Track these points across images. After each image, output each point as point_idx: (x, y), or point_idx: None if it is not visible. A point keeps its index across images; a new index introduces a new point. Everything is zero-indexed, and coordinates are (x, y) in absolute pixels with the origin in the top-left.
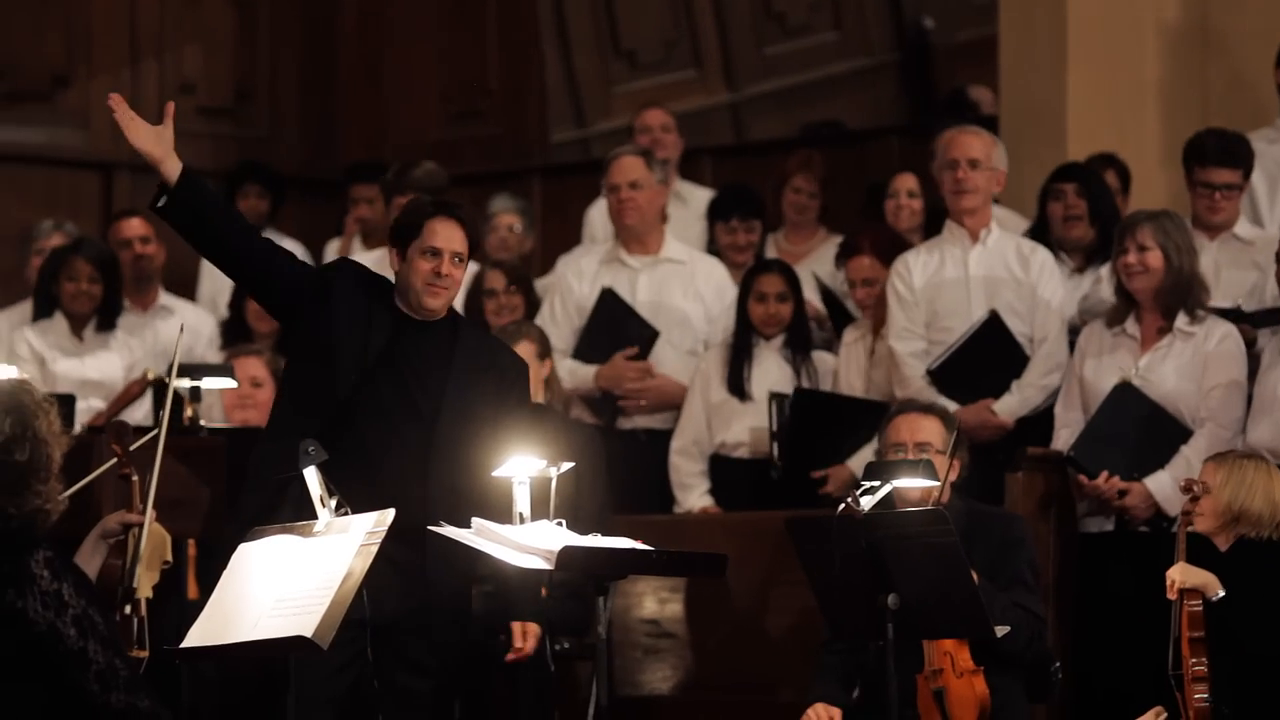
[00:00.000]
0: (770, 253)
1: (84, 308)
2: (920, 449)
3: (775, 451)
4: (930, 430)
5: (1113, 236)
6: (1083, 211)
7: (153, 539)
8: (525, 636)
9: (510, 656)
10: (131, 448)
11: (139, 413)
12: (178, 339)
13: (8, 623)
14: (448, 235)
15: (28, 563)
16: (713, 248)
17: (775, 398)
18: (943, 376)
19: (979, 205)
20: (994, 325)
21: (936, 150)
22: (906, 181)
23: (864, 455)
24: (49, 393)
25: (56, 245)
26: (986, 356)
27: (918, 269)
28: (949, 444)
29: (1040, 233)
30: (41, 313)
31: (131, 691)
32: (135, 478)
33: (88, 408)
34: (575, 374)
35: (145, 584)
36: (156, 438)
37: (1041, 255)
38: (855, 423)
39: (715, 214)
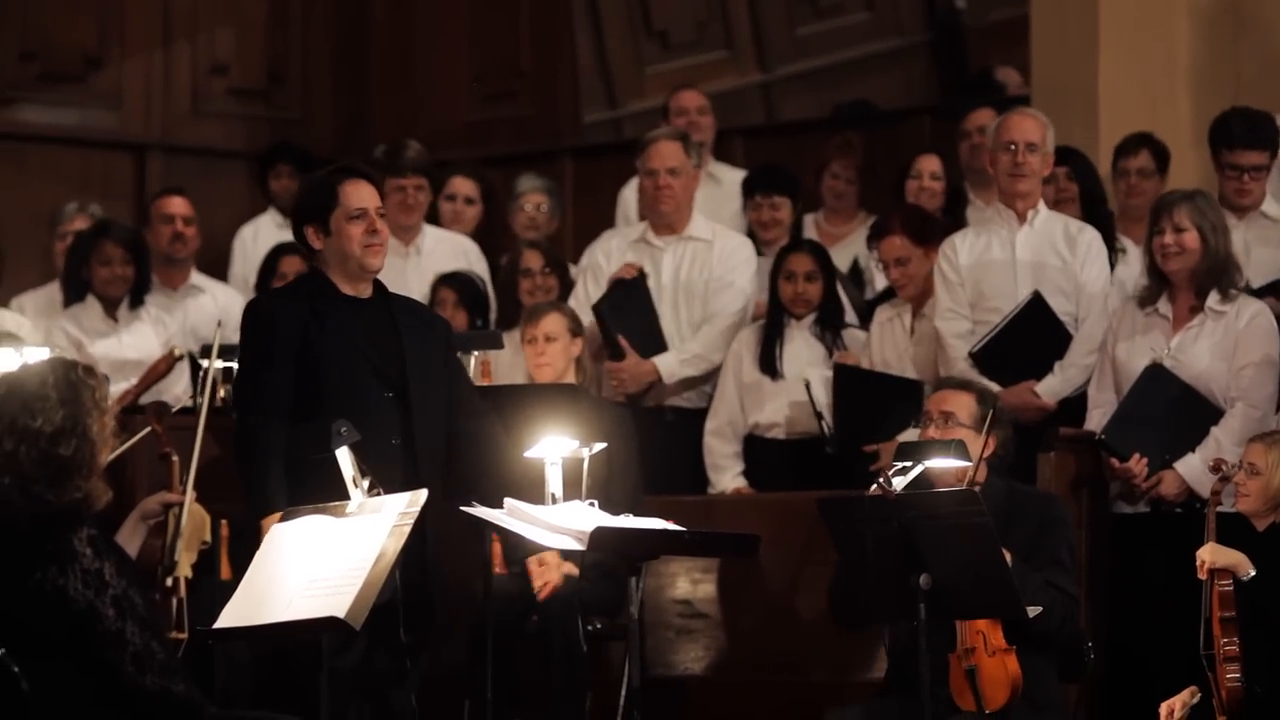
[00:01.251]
0: (810, 234)
1: (118, 291)
2: (945, 418)
3: (824, 428)
4: (957, 402)
5: (1099, 219)
6: (1074, 194)
7: (192, 519)
8: (543, 564)
9: (544, 594)
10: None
11: (175, 391)
12: (216, 330)
13: (48, 600)
14: (365, 194)
15: (71, 540)
16: (751, 229)
17: (806, 380)
18: (985, 358)
19: (1033, 188)
20: (1037, 306)
21: (991, 131)
22: (930, 163)
23: (914, 432)
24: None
25: (81, 228)
26: (1030, 338)
27: (964, 250)
28: (982, 421)
29: None
30: (73, 297)
31: (166, 675)
32: (175, 458)
33: (128, 387)
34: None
35: (184, 564)
36: (195, 419)
37: (1089, 235)
38: (892, 400)
39: (745, 191)
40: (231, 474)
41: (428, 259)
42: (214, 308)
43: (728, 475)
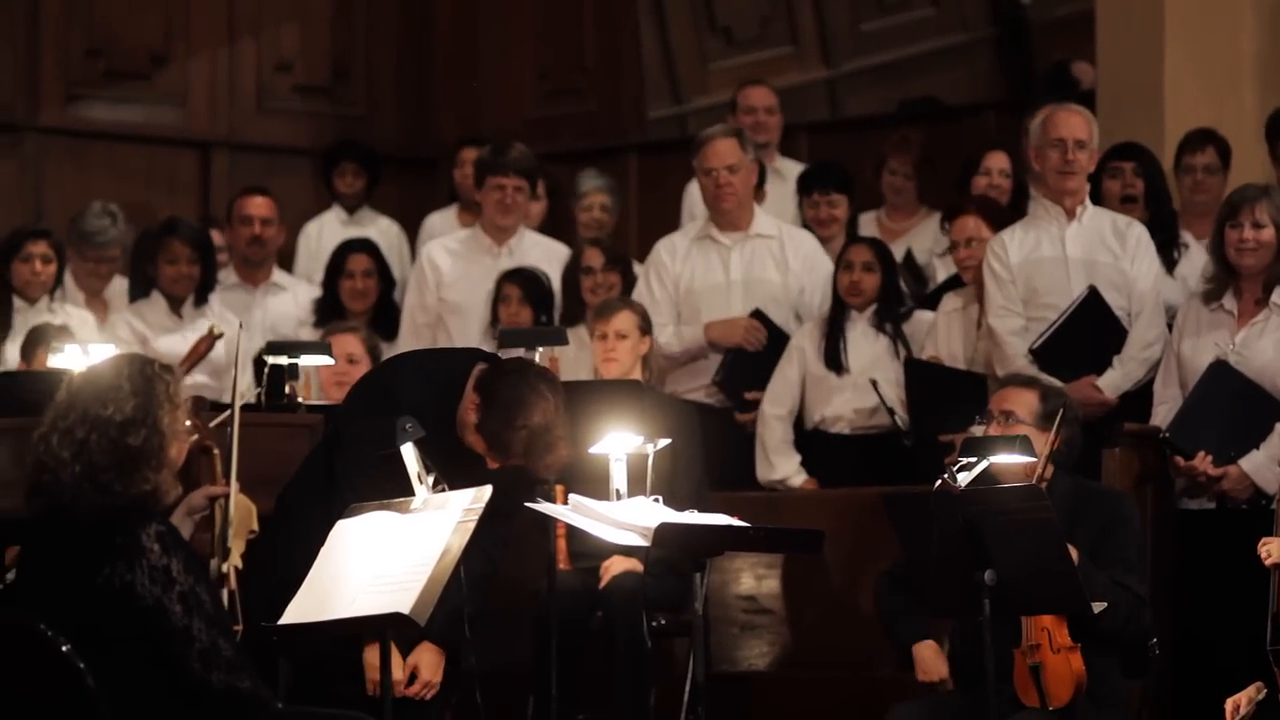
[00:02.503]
0: (871, 231)
1: (183, 290)
2: (1005, 416)
3: (898, 422)
4: (1018, 400)
5: (1163, 217)
6: (1139, 191)
7: (239, 510)
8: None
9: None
10: (211, 424)
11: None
12: (239, 331)
13: (116, 596)
14: None
15: (139, 536)
16: (805, 226)
17: (873, 380)
18: (1046, 354)
19: (1081, 185)
20: (1094, 301)
21: (1034, 127)
22: (999, 160)
23: (979, 429)
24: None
25: (116, 254)
26: (1088, 333)
27: (1013, 247)
28: (1044, 419)
29: (1093, 199)
30: (138, 293)
31: (233, 672)
32: (216, 451)
33: (193, 384)
34: (683, 335)
35: (234, 554)
36: (231, 416)
37: (1137, 230)
38: (959, 393)
39: (800, 189)
40: (272, 470)
41: (519, 261)
42: (294, 305)
43: (784, 461)
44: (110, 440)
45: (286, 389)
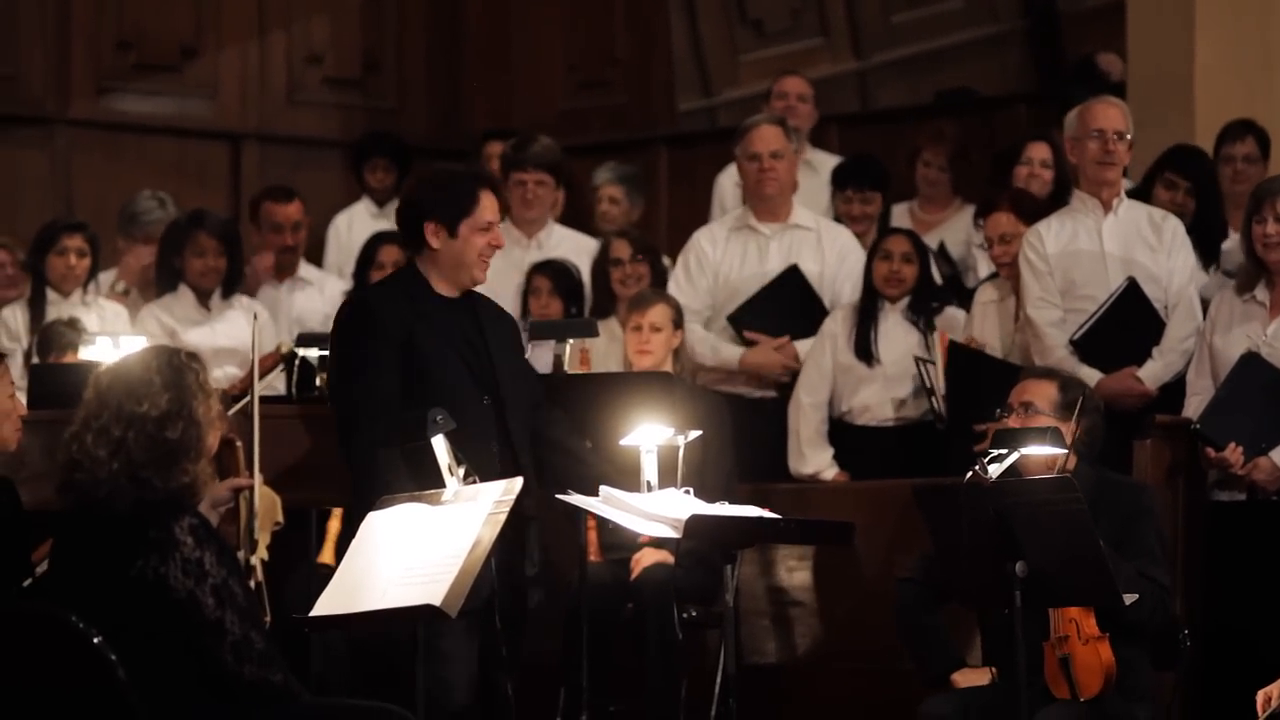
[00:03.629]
0: (903, 222)
1: (210, 283)
2: (1025, 407)
3: (934, 404)
4: (1036, 391)
5: (1212, 219)
6: (1189, 210)
7: (263, 501)
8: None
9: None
10: (229, 412)
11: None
12: (254, 323)
13: (149, 588)
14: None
15: (173, 529)
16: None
17: (918, 357)
18: (1086, 346)
19: (1119, 176)
20: (1133, 293)
21: (1070, 119)
22: (1040, 150)
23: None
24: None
25: (167, 221)
26: (1127, 324)
27: (1050, 239)
28: (1063, 409)
29: (1140, 199)
30: (165, 286)
31: (265, 665)
32: (239, 443)
33: (224, 375)
34: (719, 352)
35: (260, 546)
36: (286, 408)
37: (1173, 223)
38: (997, 382)
39: (835, 183)
40: (323, 462)
41: (549, 254)
42: (321, 300)
43: (815, 453)
44: (148, 436)
45: (317, 381)
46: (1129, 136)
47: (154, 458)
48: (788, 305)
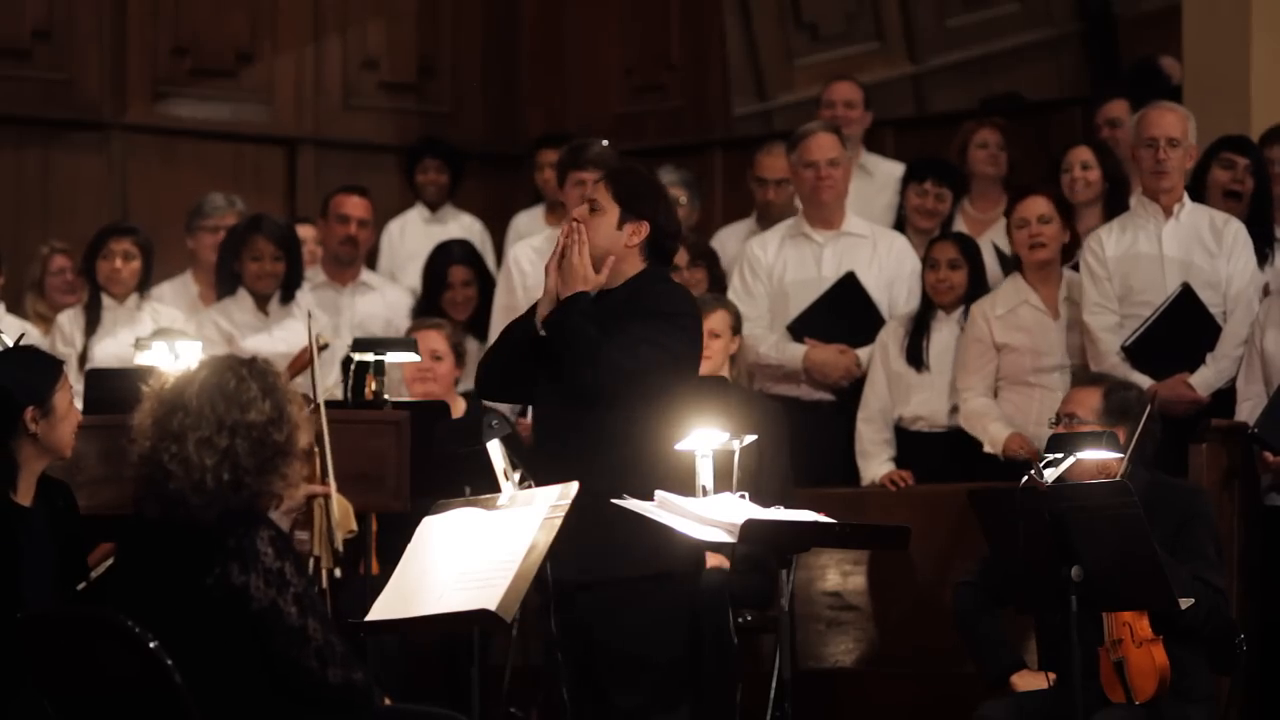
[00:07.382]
0: (958, 223)
1: (267, 287)
2: (1069, 419)
3: None
4: (1077, 400)
5: (1266, 215)
6: (1247, 190)
7: (338, 509)
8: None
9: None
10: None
11: (326, 383)
12: (309, 320)
13: (226, 597)
14: None
15: (254, 540)
16: (900, 219)
17: None
18: (1138, 352)
19: (1176, 183)
20: (1187, 299)
21: (1133, 125)
22: (1080, 154)
23: None
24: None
25: (232, 223)
26: (1180, 330)
27: (1110, 244)
28: (1106, 416)
29: (1197, 190)
30: (224, 290)
31: (348, 667)
32: (315, 450)
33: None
34: (783, 350)
35: (326, 555)
36: (344, 413)
37: (1234, 226)
38: None
39: (911, 175)
40: (378, 468)
41: None
42: (382, 305)
43: (876, 461)
44: (256, 442)
45: (371, 385)
46: (1187, 143)
47: (258, 462)
48: (846, 313)
